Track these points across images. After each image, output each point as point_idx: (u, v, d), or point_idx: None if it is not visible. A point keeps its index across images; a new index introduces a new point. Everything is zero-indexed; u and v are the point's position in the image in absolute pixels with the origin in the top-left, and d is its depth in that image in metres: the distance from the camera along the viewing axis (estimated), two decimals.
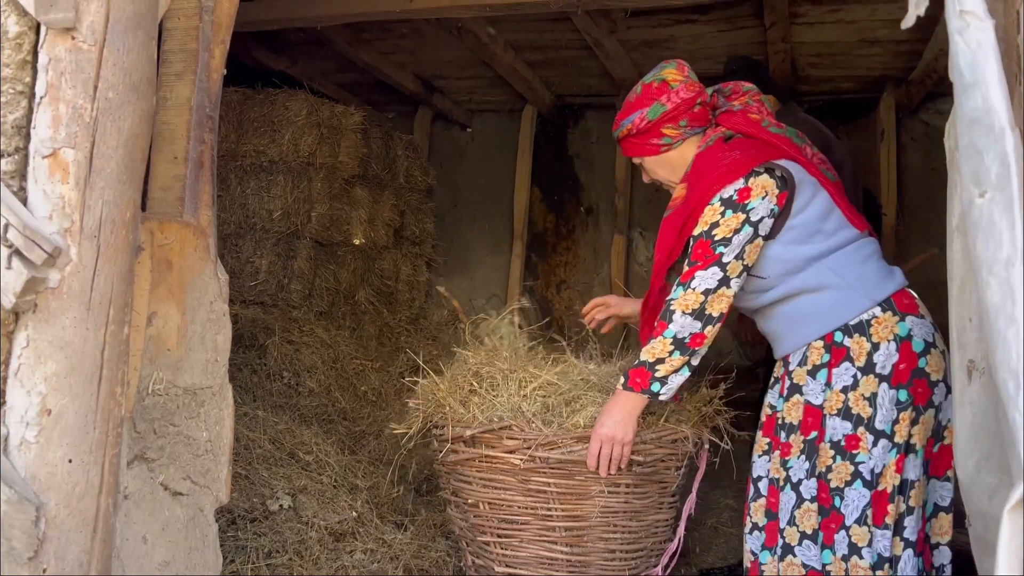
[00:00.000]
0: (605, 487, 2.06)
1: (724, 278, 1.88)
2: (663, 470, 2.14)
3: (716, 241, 1.89)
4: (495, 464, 2.10)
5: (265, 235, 4.22)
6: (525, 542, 2.12)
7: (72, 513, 1.14)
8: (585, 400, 2.12)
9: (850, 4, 3.61)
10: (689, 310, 1.89)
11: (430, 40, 4.27)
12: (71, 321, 1.15)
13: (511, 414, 2.08)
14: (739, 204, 1.88)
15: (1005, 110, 0.97)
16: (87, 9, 1.16)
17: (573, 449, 2.03)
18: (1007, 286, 0.94)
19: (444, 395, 2.18)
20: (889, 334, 1.84)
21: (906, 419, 1.82)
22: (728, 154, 1.93)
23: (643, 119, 2.00)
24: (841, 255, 1.90)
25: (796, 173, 1.91)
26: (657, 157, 2.05)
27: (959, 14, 1.01)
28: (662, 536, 2.22)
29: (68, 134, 1.15)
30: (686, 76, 2.02)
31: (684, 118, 1.99)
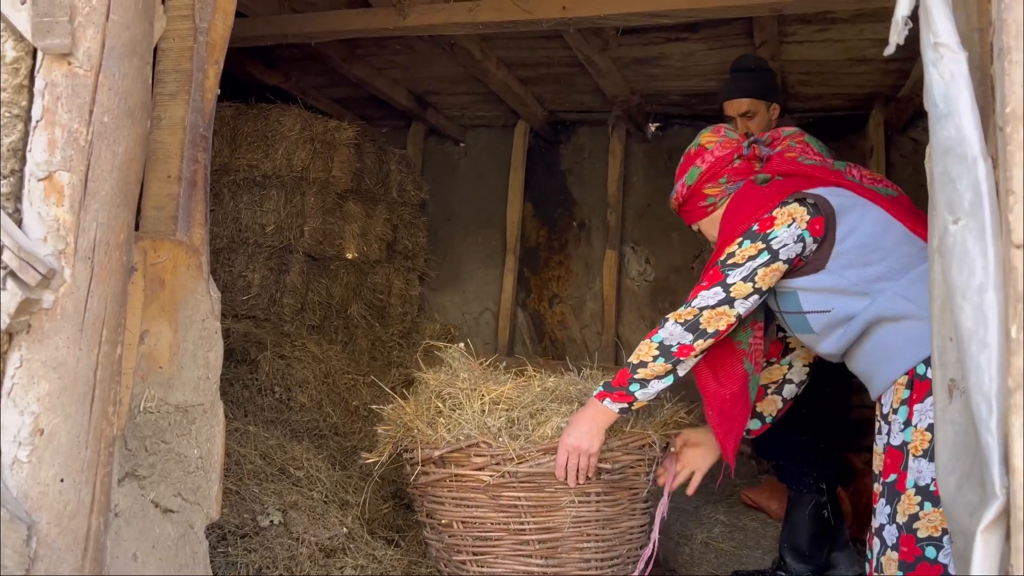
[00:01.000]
0: (575, 497, 2.08)
1: (727, 298, 1.86)
2: (632, 476, 2.16)
3: (726, 265, 1.87)
4: (465, 482, 2.12)
5: (258, 249, 4.23)
6: (500, 558, 2.14)
7: (63, 532, 1.15)
8: (549, 411, 2.14)
9: (838, 24, 3.66)
10: (682, 320, 1.89)
11: (423, 56, 4.31)
12: (64, 342, 1.17)
13: (477, 431, 2.09)
14: (759, 234, 1.85)
15: (977, 140, 0.99)
16: (84, 35, 1.19)
17: (541, 461, 2.05)
18: (980, 312, 0.97)
19: (411, 418, 2.20)
20: None
21: None
22: (758, 192, 1.92)
23: (684, 186, 2.04)
24: (913, 277, 1.80)
25: (835, 199, 1.85)
26: (709, 219, 2.05)
27: (933, 46, 1.04)
28: (637, 542, 2.24)
29: (63, 157, 1.17)
30: (722, 135, 2.03)
31: (724, 175, 1.99)
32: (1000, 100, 0.96)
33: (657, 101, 4.92)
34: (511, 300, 5.36)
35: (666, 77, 4.46)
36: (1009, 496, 0.93)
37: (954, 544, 1.34)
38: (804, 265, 1.88)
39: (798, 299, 1.91)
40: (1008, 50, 0.95)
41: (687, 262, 5.09)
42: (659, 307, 5.22)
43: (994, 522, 0.95)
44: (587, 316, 5.39)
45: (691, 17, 3.37)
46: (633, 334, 5.26)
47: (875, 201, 1.87)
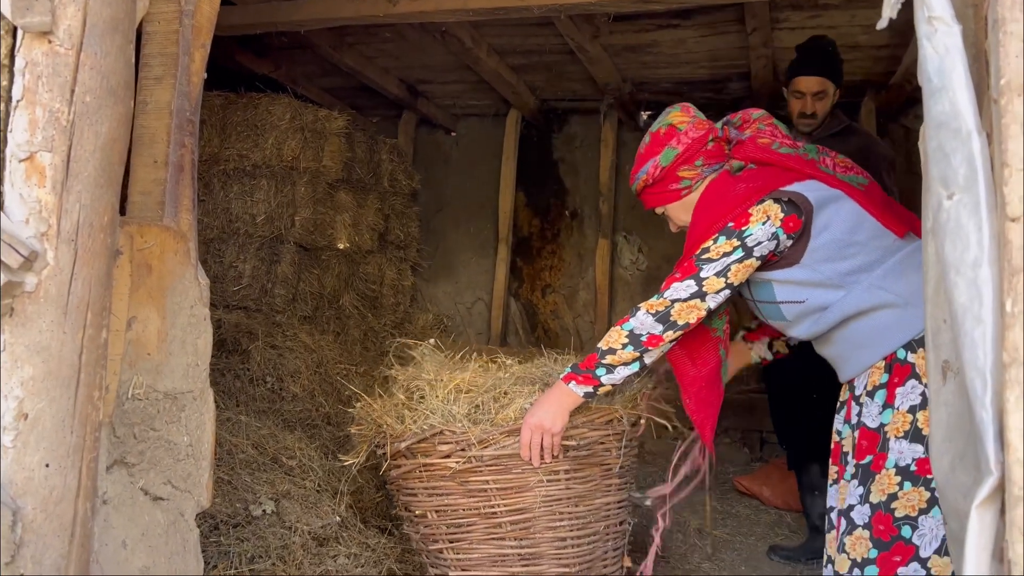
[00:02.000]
0: (544, 476, 2.10)
1: (699, 292, 1.86)
2: (602, 452, 2.18)
3: (700, 259, 1.87)
4: (434, 471, 2.14)
5: (248, 240, 4.20)
6: (475, 543, 2.16)
7: (49, 518, 1.14)
8: (513, 394, 2.16)
9: (830, 10, 3.65)
10: (653, 311, 1.90)
11: (414, 44, 4.28)
12: (48, 325, 1.15)
13: (442, 420, 2.11)
14: (735, 231, 1.84)
15: (972, 114, 0.98)
16: (64, 13, 1.16)
17: (505, 444, 2.07)
18: (974, 287, 0.96)
19: (379, 414, 2.23)
20: None
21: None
22: (735, 186, 1.89)
23: (657, 167, 1.96)
24: (888, 268, 1.81)
25: (812, 194, 1.83)
26: (680, 202, 2.01)
27: (927, 20, 1.03)
28: (615, 519, 2.26)
29: (45, 138, 1.15)
30: (692, 116, 1.98)
31: (699, 157, 1.95)
32: (995, 72, 0.95)
33: (649, 89, 4.91)
34: (504, 290, 5.35)
35: (658, 64, 4.45)
36: (1004, 471, 0.93)
37: (948, 526, 1.34)
38: (779, 260, 1.88)
39: (772, 290, 1.91)
40: (1003, 21, 0.94)
41: (679, 251, 5.08)
42: (652, 296, 5.21)
43: (989, 498, 0.95)
44: (580, 305, 5.38)
45: (683, 4, 3.35)
46: None
47: (848, 193, 1.86)
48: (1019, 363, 0.90)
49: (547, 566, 2.16)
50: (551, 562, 2.16)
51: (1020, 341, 0.91)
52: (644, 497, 2.24)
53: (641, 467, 4.07)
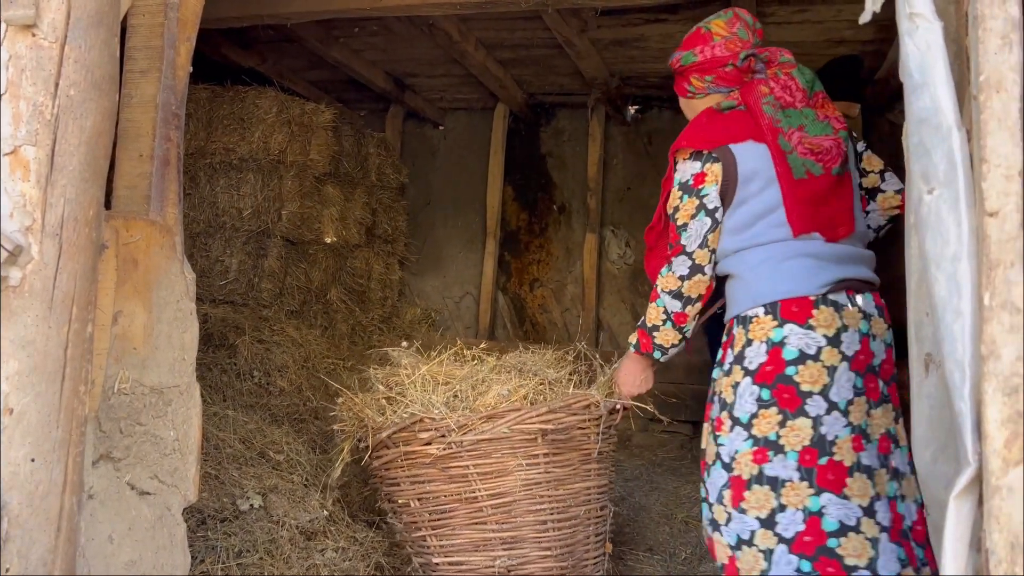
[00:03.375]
0: (523, 460, 2.13)
1: (695, 266, 1.98)
2: (580, 437, 2.21)
3: (679, 227, 1.99)
4: (415, 460, 2.19)
5: (235, 233, 4.19)
6: (457, 529, 2.20)
7: (35, 512, 1.14)
8: (491, 381, 2.19)
9: (816, 5, 3.66)
10: (669, 290, 2.00)
11: (401, 38, 4.27)
12: (33, 319, 1.14)
13: (422, 409, 2.16)
14: (694, 189, 1.96)
15: (952, 110, 1.00)
16: (48, 6, 1.16)
17: (484, 429, 2.10)
18: (954, 281, 0.98)
19: (361, 408, 2.26)
20: (764, 336, 1.87)
21: (768, 416, 1.84)
22: (701, 120, 2.00)
23: (678, 61, 2.10)
24: (760, 250, 1.93)
25: (749, 164, 1.92)
26: (684, 100, 2.15)
27: (909, 16, 1.04)
28: (596, 504, 2.30)
29: (29, 131, 1.14)
30: (732, 33, 2.03)
31: (711, 74, 2.04)
32: (974, 68, 0.96)
33: (636, 83, 4.91)
34: (492, 284, 5.35)
35: (645, 59, 4.45)
36: (982, 462, 0.94)
37: (929, 516, 1.36)
38: None
39: None
40: (983, 18, 0.95)
41: None
42: (639, 290, 5.23)
43: (966, 488, 0.96)
44: (568, 299, 5.39)
45: None
46: (613, 317, 5.28)
47: (781, 179, 1.92)
48: (997, 356, 0.92)
49: (528, 549, 2.19)
50: (533, 546, 2.19)
51: (998, 334, 0.92)
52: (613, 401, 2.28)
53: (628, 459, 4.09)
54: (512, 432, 2.13)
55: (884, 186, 2.13)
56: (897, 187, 2.12)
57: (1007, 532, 0.90)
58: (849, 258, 1.95)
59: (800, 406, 1.82)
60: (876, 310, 1.94)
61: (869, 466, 1.83)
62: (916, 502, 1.88)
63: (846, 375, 1.84)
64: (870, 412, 1.87)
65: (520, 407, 2.15)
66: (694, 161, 1.97)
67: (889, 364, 1.94)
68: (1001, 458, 0.91)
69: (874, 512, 1.81)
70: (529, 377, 2.26)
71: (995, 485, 0.91)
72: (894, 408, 1.93)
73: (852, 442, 1.82)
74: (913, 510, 1.88)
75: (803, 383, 1.83)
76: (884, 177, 2.14)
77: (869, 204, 2.14)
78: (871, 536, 1.79)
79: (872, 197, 2.14)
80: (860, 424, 1.84)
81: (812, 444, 1.81)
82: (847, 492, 1.80)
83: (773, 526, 1.81)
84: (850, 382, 1.84)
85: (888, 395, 1.92)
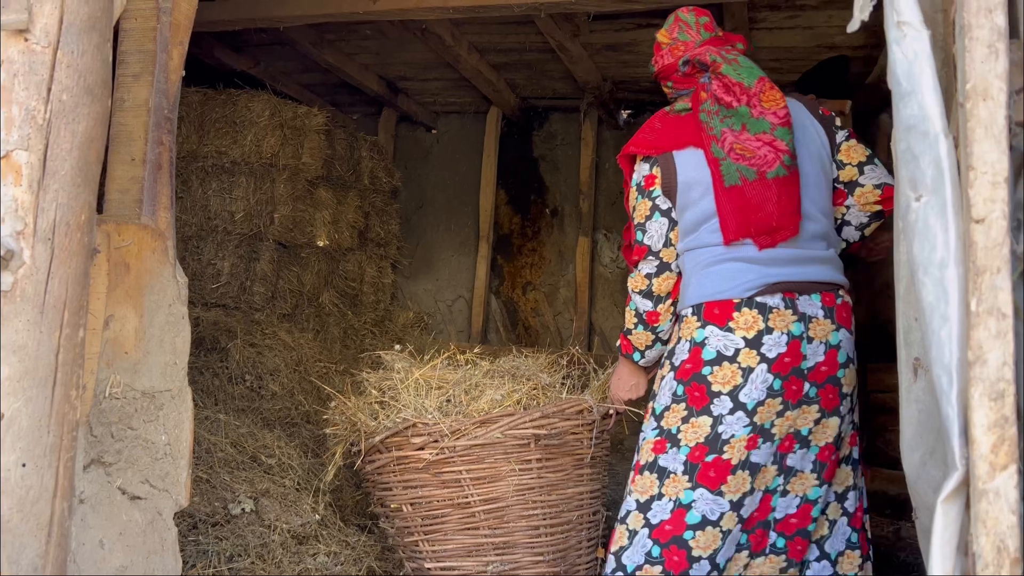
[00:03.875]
0: (516, 466, 2.13)
1: (662, 264, 2.05)
2: (573, 442, 2.23)
3: (636, 226, 2.07)
4: (408, 464, 2.19)
5: (227, 237, 4.18)
6: (450, 534, 2.20)
7: (26, 517, 1.13)
8: (484, 386, 2.19)
9: (807, 11, 3.68)
10: (640, 290, 2.07)
11: (394, 41, 4.27)
12: (24, 324, 1.14)
13: (415, 413, 2.16)
14: (646, 191, 2.04)
15: (940, 117, 1.01)
16: (41, 11, 1.16)
17: (477, 434, 2.11)
18: (941, 286, 0.99)
19: (354, 412, 2.26)
20: (689, 335, 1.96)
21: (676, 411, 1.94)
22: (651, 124, 2.09)
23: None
24: (696, 252, 2.00)
25: (691, 171, 1.98)
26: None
27: (897, 24, 1.05)
28: (588, 509, 2.30)
29: (21, 136, 1.14)
30: (673, 39, 2.11)
31: (670, 80, 2.12)
32: (961, 77, 0.98)
33: (628, 88, 4.93)
34: (484, 287, 5.36)
35: (638, 64, 4.47)
36: (969, 466, 0.95)
37: (919, 520, 1.37)
38: None
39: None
40: (969, 27, 0.97)
41: None
42: None
43: (954, 492, 0.97)
44: (560, 303, 5.40)
45: (662, 3, 3.37)
46: (606, 320, 5.28)
47: (714, 185, 1.95)
48: (983, 361, 0.93)
49: (521, 555, 2.19)
50: (525, 551, 2.19)
51: (984, 339, 0.93)
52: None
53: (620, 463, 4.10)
54: (505, 437, 2.13)
55: (862, 180, 2.07)
56: (877, 181, 2.05)
57: (993, 535, 0.91)
58: (794, 259, 1.95)
59: (706, 405, 1.92)
60: (822, 311, 1.94)
61: (756, 463, 1.92)
62: (802, 498, 1.97)
63: (762, 376, 1.89)
64: (784, 413, 1.92)
65: (513, 412, 2.15)
66: (643, 163, 2.06)
67: (828, 366, 1.94)
68: (988, 462, 0.92)
69: (740, 506, 1.92)
70: (523, 382, 2.26)
71: (982, 489, 0.92)
72: (820, 408, 1.95)
73: (747, 441, 1.90)
74: (794, 504, 1.97)
75: (715, 383, 1.91)
76: (863, 170, 2.08)
77: (847, 199, 2.09)
78: (726, 528, 1.91)
79: (850, 191, 2.09)
80: (763, 424, 1.91)
81: (704, 442, 1.91)
82: (723, 488, 1.91)
83: (646, 511, 1.94)
84: (765, 384, 1.89)
85: (816, 396, 1.94)
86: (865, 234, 2.15)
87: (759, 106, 1.96)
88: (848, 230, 2.13)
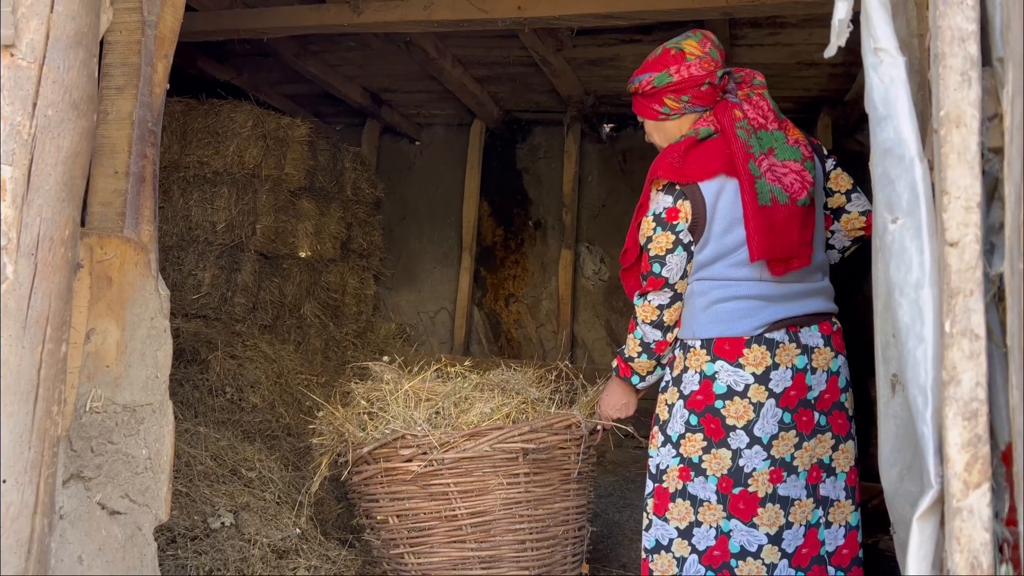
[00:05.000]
0: (504, 479, 2.14)
1: (676, 295, 2.01)
2: (560, 457, 2.23)
3: (652, 258, 1.99)
4: (396, 476, 2.19)
5: (208, 247, 4.16)
6: (436, 547, 2.20)
7: (6, 534, 1.12)
8: (473, 399, 2.20)
9: (788, 28, 3.74)
10: (649, 320, 2.03)
11: (378, 54, 4.28)
12: (6, 339, 1.14)
13: (404, 425, 2.16)
14: (668, 223, 1.97)
15: (915, 142, 1.03)
16: (27, 27, 1.16)
17: (466, 447, 2.11)
18: (916, 307, 1.01)
19: (342, 423, 2.25)
20: (698, 367, 1.96)
21: (693, 440, 1.96)
22: (680, 149, 1.98)
23: (649, 83, 2.04)
24: (708, 284, 1.97)
25: (718, 203, 1.94)
26: (655, 123, 2.10)
27: (873, 51, 1.08)
28: (574, 524, 2.31)
29: (6, 151, 1.14)
30: (704, 52, 2.02)
31: (688, 94, 2.01)
32: (935, 104, 1.00)
33: (611, 102, 4.97)
34: (467, 299, 5.36)
35: (620, 78, 4.51)
36: (943, 484, 0.97)
37: (896, 535, 1.38)
38: None
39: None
40: (943, 55, 0.99)
41: None
42: (614, 306, 5.27)
43: (929, 510, 0.99)
44: (543, 315, 5.41)
45: (644, 19, 3.41)
46: (588, 332, 5.30)
47: (746, 212, 1.92)
48: (957, 381, 0.95)
49: (507, 569, 2.19)
50: (511, 565, 2.19)
51: (958, 360, 0.95)
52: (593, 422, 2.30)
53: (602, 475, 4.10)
54: (494, 450, 2.13)
55: (849, 207, 2.14)
56: (862, 208, 2.13)
57: (967, 552, 0.93)
58: (798, 294, 1.99)
59: (723, 437, 1.93)
60: (822, 340, 1.99)
61: (786, 497, 1.94)
62: (846, 526, 1.99)
63: (772, 411, 1.92)
64: (802, 445, 1.95)
65: (503, 426, 2.16)
66: (666, 195, 1.97)
67: (831, 393, 1.99)
68: (962, 481, 0.94)
69: (780, 539, 1.94)
70: (512, 395, 2.26)
71: (956, 507, 0.94)
72: (834, 435, 1.99)
73: (770, 475, 1.93)
74: (840, 535, 1.99)
75: (729, 417, 1.93)
76: (850, 198, 2.14)
77: (833, 224, 2.16)
78: (769, 562, 1.92)
79: (836, 217, 2.16)
80: (783, 457, 1.94)
81: (728, 474, 1.93)
82: (756, 521, 1.93)
83: (689, 537, 1.95)
84: (776, 418, 1.93)
85: (827, 424, 1.99)
86: (845, 256, 2.24)
87: (793, 134, 2.03)
88: (831, 252, 2.19)
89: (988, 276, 0.97)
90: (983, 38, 1.01)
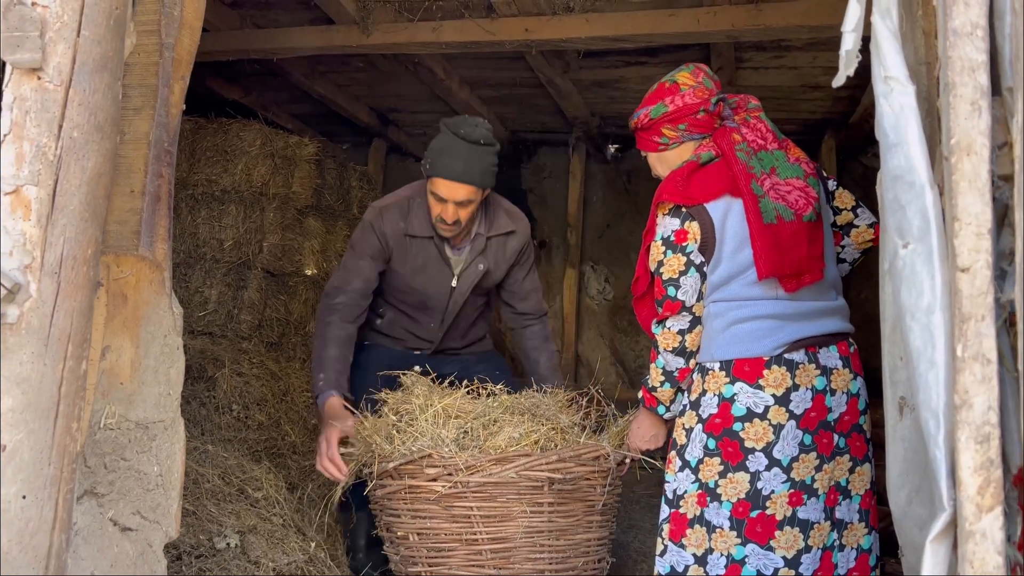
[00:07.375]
0: (527, 507, 2.12)
1: (695, 319, 2.00)
2: (586, 488, 2.20)
3: (665, 282, 2.00)
4: (419, 494, 2.16)
5: (215, 265, 4.18)
6: (454, 569, 2.17)
7: (25, 550, 1.13)
8: (502, 422, 2.18)
9: (792, 51, 3.78)
10: (670, 348, 2.02)
11: (386, 74, 4.33)
12: (29, 357, 1.15)
13: (431, 443, 2.13)
14: (678, 246, 1.99)
15: (925, 168, 1.05)
16: (54, 51, 1.18)
17: (492, 471, 2.08)
18: (927, 332, 1.02)
19: (369, 433, 2.24)
20: (717, 389, 1.95)
21: (711, 465, 1.94)
22: (683, 173, 2.01)
23: (647, 116, 2.09)
24: (724, 305, 1.98)
25: (725, 223, 1.96)
26: (656, 154, 2.14)
27: (883, 79, 1.10)
28: (594, 556, 2.28)
29: (31, 172, 1.16)
30: (698, 82, 2.07)
31: (684, 122, 2.05)
32: (946, 132, 1.02)
33: (616, 123, 5.01)
34: None
35: (626, 100, 4.55)
36: (956, 508, 0.98)
37: (905, 558, 1.39)
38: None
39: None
40: (953, 85, 1.01)
41: None
42: (618, 325, 5.28)
43: (942, 533, 1.00)
44: None
45: (651, 42, 3.45)
46: (592, 351, 5.31)
47: (752, 231, 1.95)
48: (969, 405, 0.96)
49: None
50: None
51: (970, 384, 0.96)
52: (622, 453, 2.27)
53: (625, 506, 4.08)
54: (520, 477, 2.09)
55: (857, 221, 2.18)
56: (869, 220, 2.17)
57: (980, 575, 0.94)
58: (815, 313, 2.00)
59: (741, 460, 1.92)
60: (841, 361, 1.99)
61: (806, 520, 1.93)
62: (857, 549, 1.98)
63: (792, 433, 1.92)
64: (822, 467, 1.95)
65: (530, 452, 2.12)
66: (673, 218, 1.99)
67: (850, 415, 1.99)
68: (975, 504, 0.95)
69: (798, 564, 1.92)
70: (542, 422, 2.21)
71: (969, 530, 0.95)
72: (852, 458, 1.99)
73: (789, 497, 1.92)
74: (852, 557, 1.98)
75: (747, 439, 1.92)
76: (856, 212, 2.18)
77: (843, 239, 2.20)
78: None
79: (846, 233, 2.19)
80: (804, 480, 1.93)
81: (747, 497, 1.92)
82: (772, 544, 1.91)
83: (705, 565, 1.94)
84: (796, 440, 1.92)
85: (846, 446, 1.99)
86: (854, 267, 2.27)
87: (794, 153, 2.07)
88: (842, 266, 2.22)
89: (999, 302, 0.99)
90: (992, 68, 1.03)
